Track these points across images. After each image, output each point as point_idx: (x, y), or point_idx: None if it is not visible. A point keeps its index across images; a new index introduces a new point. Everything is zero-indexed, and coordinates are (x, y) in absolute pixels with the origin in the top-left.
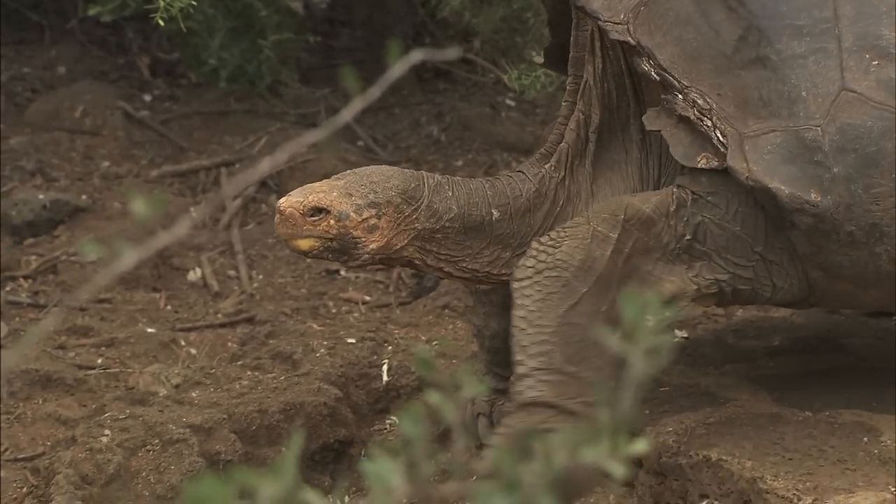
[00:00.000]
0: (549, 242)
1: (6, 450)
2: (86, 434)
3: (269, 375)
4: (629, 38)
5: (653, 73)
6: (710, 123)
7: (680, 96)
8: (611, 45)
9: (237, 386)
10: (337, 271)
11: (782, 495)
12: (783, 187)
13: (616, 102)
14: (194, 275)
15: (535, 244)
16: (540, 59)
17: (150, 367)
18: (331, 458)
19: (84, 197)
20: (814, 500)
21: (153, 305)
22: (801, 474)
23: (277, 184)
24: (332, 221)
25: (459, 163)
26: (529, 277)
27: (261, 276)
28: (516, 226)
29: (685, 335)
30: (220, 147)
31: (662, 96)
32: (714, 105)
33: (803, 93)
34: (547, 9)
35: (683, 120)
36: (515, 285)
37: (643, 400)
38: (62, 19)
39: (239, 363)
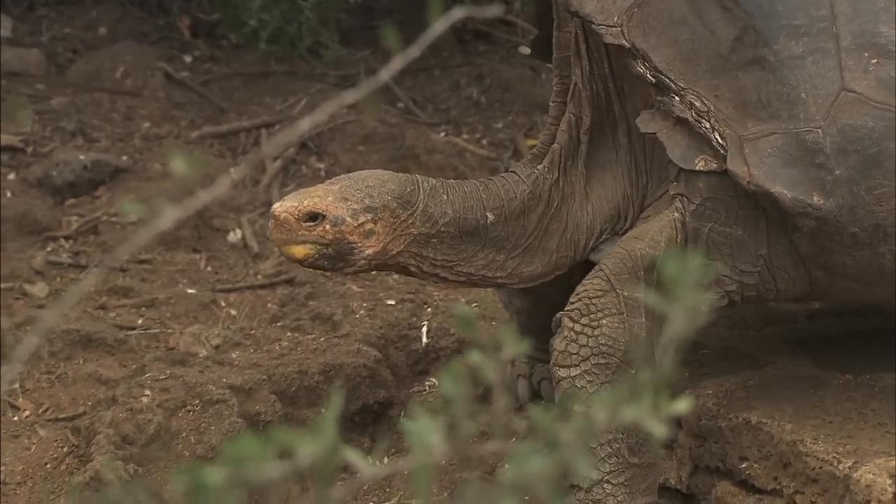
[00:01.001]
0: (586, 322)
1: (47, 409)
2: (126, 394)
3: (309, 337)
4: (623, 42)
5: (648, 75)
6: (708, 125)
7: (677, 98)
8: (595, 47)
9: (277, 347)
10: None
11: (822, 458)
12: (785, 191)
13: (605, 104)
14: (234, 236)
15: (569, 324)
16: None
17: (190, 328)
18: (370, 420)
19: (125, 158)
20: (854, 463)
21: (193, 266)
22: (842, 437)
23: (317, 145)
24: (327, 226)
25: (499, 125)
26: (577, 366)
27: None
28: (511, 228)
29: None
30: (260, 108)
31: (658, 98)
32: (712, 107)
33: (802, 94)
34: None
35: (681, 122)
36: (562, 373)
37: (683, 362)
38: None
39: (279, 324)
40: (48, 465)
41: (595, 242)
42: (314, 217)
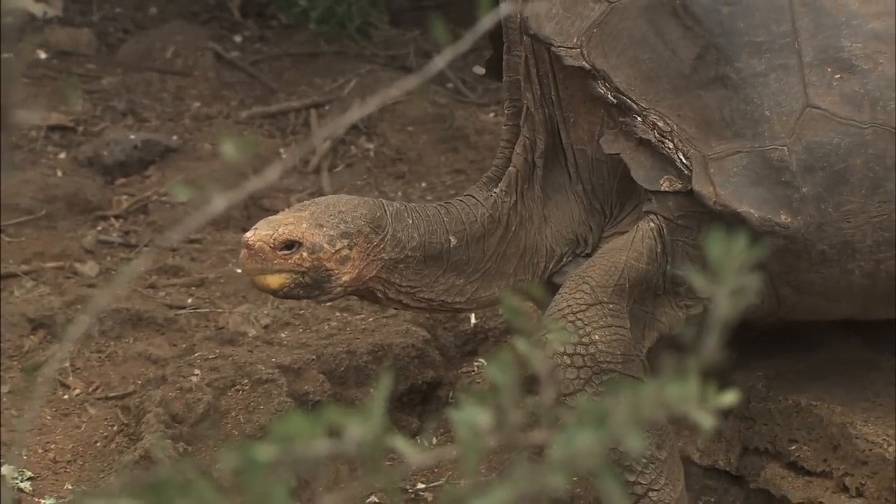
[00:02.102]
0: (577, 340)
1: (97, 388)
2: (176, 373)
3: (358, 317)
4: (584, 63)
5: (609, 95)
6: (671, 146)
7: (639, 118)
8: (544, 72)
9: (326, 327)
10: None
11: (872, 440)
12: (752, 210)
13: (557, 127)
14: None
15: (559, 348)
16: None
17: (239, 308)
18: (418, 400)
19: (174, 137)
20: None
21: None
22: (892, 420)
23: (367, 126)
24: (304, 254)
25: None
26: (583, 390)
27: None
28: (471, 252)
29: None
30: (310, 88)
31: (620, 119)
32: (675, 126)
33: (767, 112)
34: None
35: (644, 143)
36: (572, 403)
37: (732, 344)
38: None
39: (328, 304)
40: (98, 444)
41: (556, 266)
42: (290, 245)
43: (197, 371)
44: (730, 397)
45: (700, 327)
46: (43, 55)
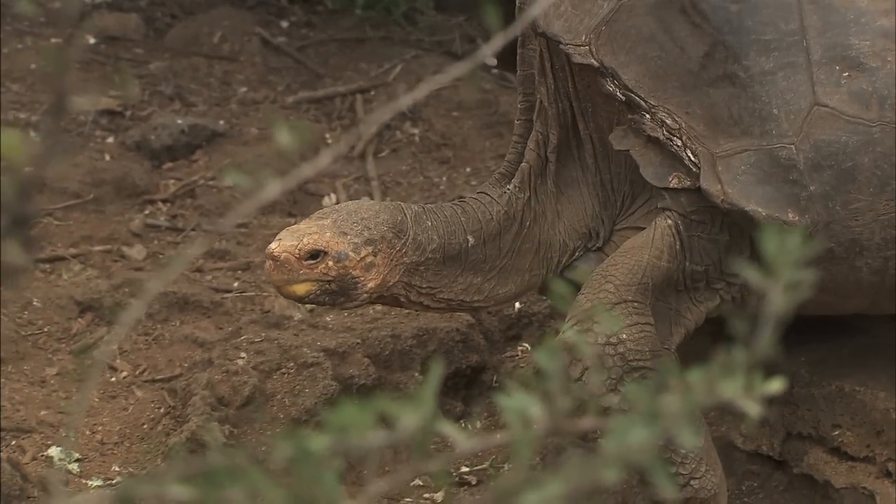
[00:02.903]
0: (605, 341)
1: (144, 371)
2: (222, 356)
3: None
4: (592, 60)
5: (618, 93)
6: (680, 143)
7: (647, 116)
8: (560, 66)
9: (370, 311)
10: None
11: None
12: (760, 209)
13: (571, 122)
14: (329, 200)
15: (591, 350)
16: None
17: None
18: (463, 384)
19: (221, 122)
20: None
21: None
22: None
23: (412, 111)
24: (330, 263)
25: None
26: (616, 391)
27: None
28: (488, 250)
29: None
30: (356, 74)
31: (629, 116)
32: (683, 124)
33: (775, 110)
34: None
35: (652, 140)
36: (606, 403)
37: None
38: None
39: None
40: (145, 426)
41: (568, 260)
42: (315, 255)
43: (243, 354)
44: (776, 385)
45: (752, 320)
46: (91, 40)
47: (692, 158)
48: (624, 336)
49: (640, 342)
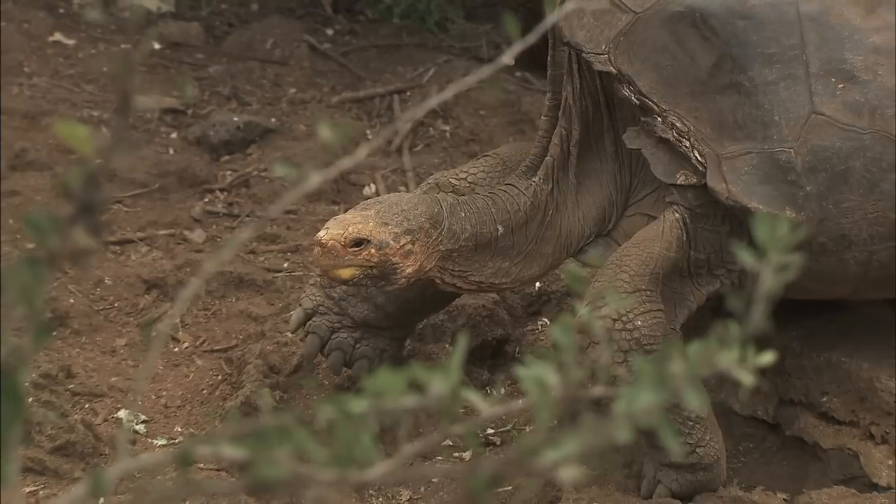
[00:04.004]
0: (620, 326)
1: (204, 342)
2: (273, 329)
3: None
4: (611, 68)
5: (633, 98)
6: (688, 144)
7: (659, 119)
8: (586, 66)
9: None
10: None
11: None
12: (761, 206)
13: (592, 118)
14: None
15: (602, 328)
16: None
17: None
18: (489, 354)
19: (273, 119)
20: None
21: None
22: None
23: (444, 110)
24: (373, 250)
25: None
26: (627, 364)
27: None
28: (516, 238)
29: None
30: (394, 76)
31: (642, 119)
32: (692, 127)
33: (776, 117)
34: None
35: (663, 141)
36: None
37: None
38: None
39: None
40: (204, 391)
41: (584, 244)
42: (359, 243)
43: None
44: (768, 358)
45: (747, 298)
46: (157, 46)
47: (699, 159)
48: (639, 322)
49: (653, 328)
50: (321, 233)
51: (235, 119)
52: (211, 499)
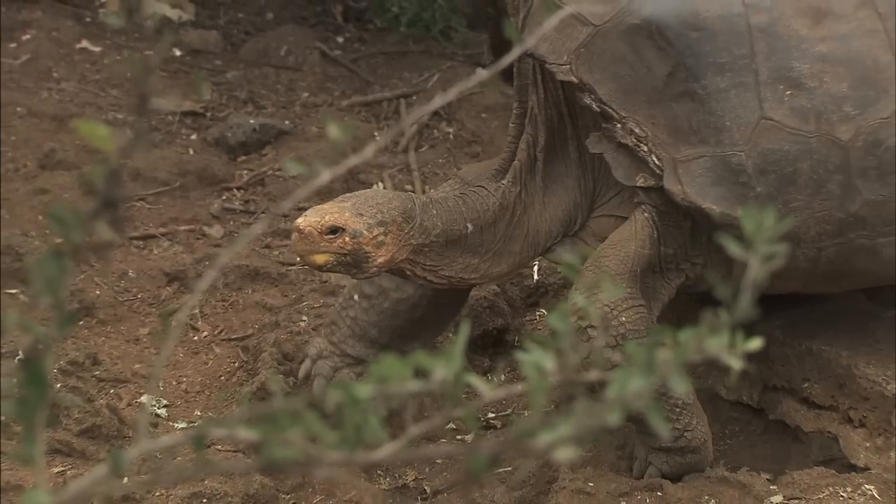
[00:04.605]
0: (608, 323)
1: (221, 331)
2: (287, 319)
3: None
4: (573, 78)
5: (594, 105)
6: (646, 149)
7: (619, 125)
8: (550, 76)
9: None
10: None
11: (873, 380)
12: (714, 206)
13: (557, 125)
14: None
15: (597, 313)
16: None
17: None
18: (490, 343)
19: (287, 122)
20: None
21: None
22: (890, 362)
23: (447, 113)
24: (347, 238)
25: None
26: (620, 348)
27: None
28: (485, 236)
29: None
30: (400, 81)
31: (603, 125)
32: (649, 133)
33: (727, 122)
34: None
35: (623, 146)
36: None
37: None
38: None
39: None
40: (222, 377)
41: (551, 243)
42: (335, 231)
43: (304, 317)
44: (755, 344)
45: (734, 287)
46: (178, 53)
47: (656, 162)
48: (623, 318)
49: (636, 322)
50: (299, 219)
51: (251, 121)
52: (227, 478)
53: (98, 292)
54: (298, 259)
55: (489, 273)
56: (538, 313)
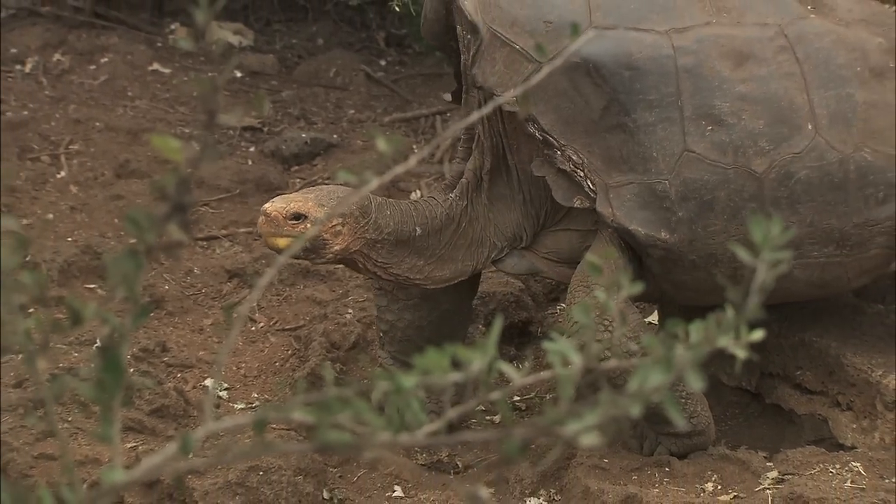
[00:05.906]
0: (604, 329)
1: (276, 322)
2: (335, 312)
3: None
4: (518, 108)
5: (537, 133)
6: (582, 174)
7: (559, 153)
8: (493, 110)
9: None
10: None
11: (859, 368)
12: (640, 228)
13: (501, 151)
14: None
15: (587, 337)
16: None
17: None
18: (515, 334)
19: (335, 136)
20: (883, 372)
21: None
22: (875, 353)
23: None
24: (308, 225)
25: None
26: (637, 339)
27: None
28: (431, 240)
29: None
30: (436, 100)
31: (545, 151)
32: (585, 160)
33: (654, 153)
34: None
35: (561, 171)
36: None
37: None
38: (321, 3)
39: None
40: (276, 364)
41: (497, 254)
42: (298, 217)
43: (350, 310)
44: (758, 335)
45: (745, 290)
46: (238, 74)
47: (591, 187)
48: (614, 325)
49: (634, 329)
50: (267, 204)
51: (303, 135)
52: (283, 456)
53: (167, 287)
54: (263, 241)
55: (433, 276)
56: (559, 308)
